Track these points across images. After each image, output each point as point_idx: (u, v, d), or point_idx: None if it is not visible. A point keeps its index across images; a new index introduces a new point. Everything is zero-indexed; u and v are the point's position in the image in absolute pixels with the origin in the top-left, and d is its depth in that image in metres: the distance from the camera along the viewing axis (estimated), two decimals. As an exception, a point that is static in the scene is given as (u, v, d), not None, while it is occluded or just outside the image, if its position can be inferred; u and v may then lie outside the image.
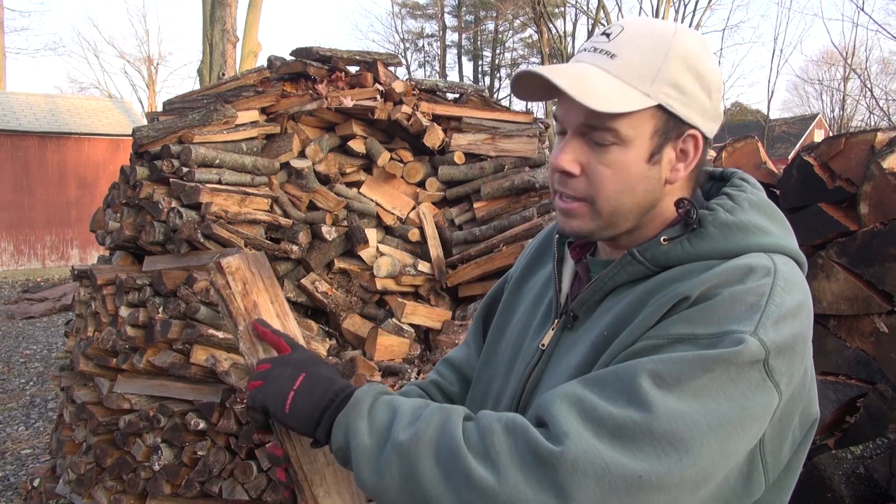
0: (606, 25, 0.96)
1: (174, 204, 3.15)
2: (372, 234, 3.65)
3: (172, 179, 3.20)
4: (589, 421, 0.76)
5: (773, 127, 29.58)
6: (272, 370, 0.97)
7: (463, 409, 0.86)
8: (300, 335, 1.11)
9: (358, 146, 3.80)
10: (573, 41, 25.64)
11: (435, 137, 3.82)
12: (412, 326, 3.45)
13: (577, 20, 25.85)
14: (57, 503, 3.42)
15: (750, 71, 75.77)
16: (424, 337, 3.54)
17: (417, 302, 3.58)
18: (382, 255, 3.61)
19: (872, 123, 17.53)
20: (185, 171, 3.20)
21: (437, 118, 3.90)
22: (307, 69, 3.68)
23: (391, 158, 3.87)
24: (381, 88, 3.76)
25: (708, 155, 0.96)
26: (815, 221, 2.30)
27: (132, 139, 3.41)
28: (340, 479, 1.04)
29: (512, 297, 1.16)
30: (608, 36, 0.91)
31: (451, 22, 34.64)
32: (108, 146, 14.49)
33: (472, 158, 3.86)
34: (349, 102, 3.66)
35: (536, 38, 26.32)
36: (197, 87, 15.16)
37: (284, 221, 3.41)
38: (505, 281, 1.23)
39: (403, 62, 21.05)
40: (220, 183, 3.27)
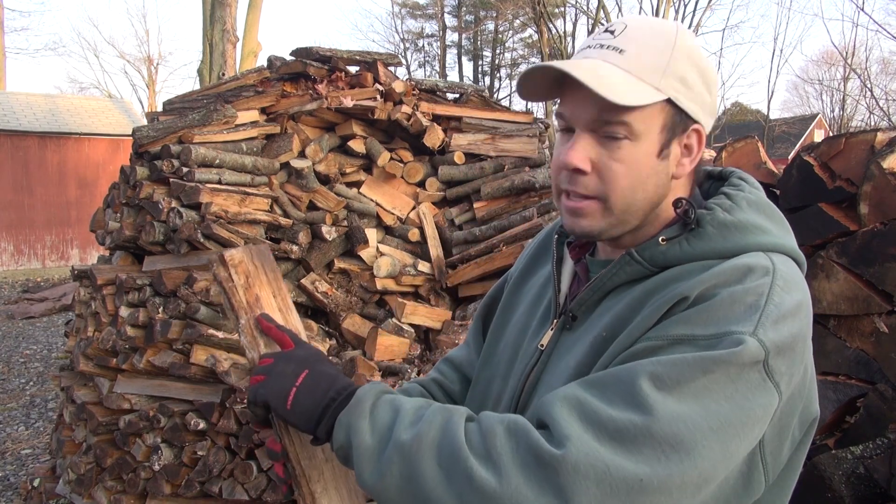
0: (607, 23, 0.97)
1: (174, 204, 3.15)
2: (372, 234, 3.65)
3: (172, 179, 3.20)
4: (590, 424, 0.76)
5: (773, 127, 29.59)
6: (275, 366, 0.97)
7: (465, 409, 0.86)
8: (302, 329, 1.11)
9: (358, 146, 3.80)
10: (573, 41, 25.62)
11: (435, 137, 3.82)
12: (412, 326, 3.45)
13: (577, 20, 25.86)
14: (57, 503, 3.42)
15: (750, 71, 75.79)
16: (424, 337, 3.54)
17: (417, 302, 3.58)
18: (382, 255, 3.61)
19: (872, 123, 17.53)
20: (185, 171, 3.20)
21: (437, 118, 3.90)
22: (307, 69, 3.68)
23: (391, 158, 3.87)
24: (381, 88, 3.76)
25: (707, 154, 0.97)
26: (815, 221, 2.30)
27: (132, 139, 3.41)
28: (338, 475, 1.04)
29: (511, 297, 1.16)
30: (612, 33, 0.91)
31: (451, 22, 34.68)
32: (108, 146, 14.49)
33: (472, 158, 3.85)
34: (349, 102, 3.66)
35: (536, 38, 26.30)
36: (197, 87, 15.16)
37: (284, 221, 3.41)
38: (504, 281, 1.23)
39: (403, 62, 21.05)
40: (220, 183, 3.27)
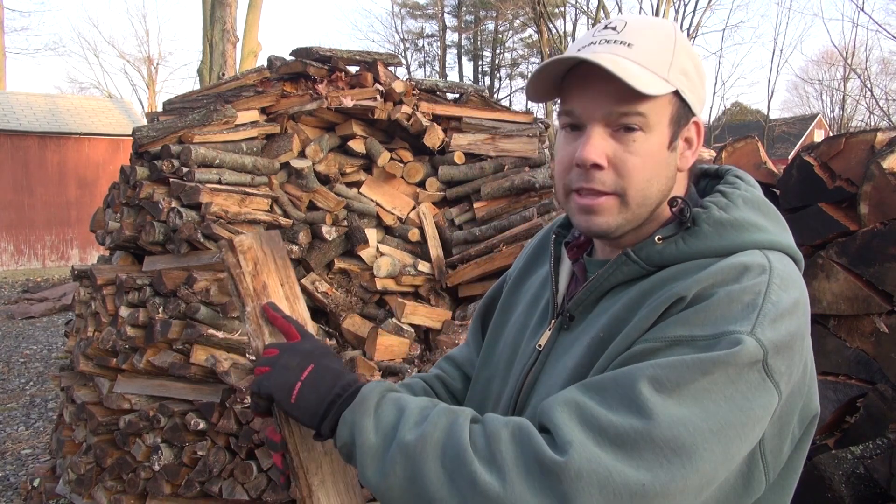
0: (607, 20, 0.98)
1: (174, 204, 3.15)
2: (372, 234, 3.65)
3: (172, 179, 3.20)
4: (591, 429, 0.76)
5: (773, 127, 29.58)
6: (280, 357, 0.96)
7: (470, 411, 0.86)
8: (309, 319, 1.10)
9: (358, 146, 3.80)
10: (573, 41, 25.56)
11: (435, 137, 3.82)
12: (412, 326, 3.45)
13: (577, 20, 25.80)
14: (57, 503, 3.42)
15: (750, 71, 75.86)
16: (424, 337, 3.54)
17: (417, 302, 3.58)
18: (382, 255, 3.61)
19: (872, 123, 17.54)
20: (185, 171, 3.20)
21: (437, 118, 3.90)
22: (307, 69, 3.68)
23: (391, 158, 3.87)
24: (381, 88, 3.76)
25: (706, 154, 0.97)
26: (815, 221, 2.30)
27: (132, 139, 3.41)
28: (336, 469, 1.03)
29: (510, 297, 1.16)
30: (614, 29, 0.91)
31: (451, 22, 34.67)
32: (108, 146, 14.50)
33: (472, 158, 3.85)
34: (349, 102, 3.66)
35: (536, 38, 26.28)
36: (197, 87, 15.16)
37: (284, 221, 3.41)
38: (504, 281, 1.23)
39: (403, 62, 21.04)
40: (220, 183, 3.27)
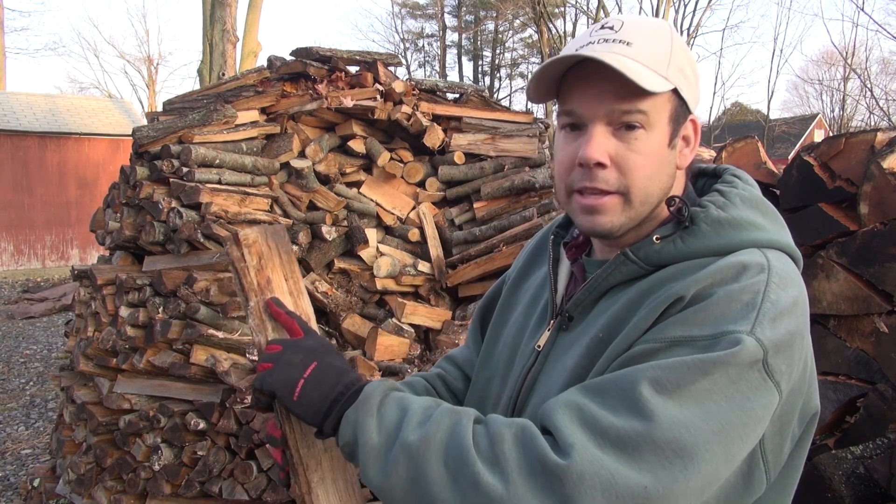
0: (604, 20, 0.98)
1: (174, 204, 3.15)
2: (372, 234, 3.65)
3: (172, 179, 3.20)
4: (592, 432, 0.76)
5: (773, 127, 29.59)
6: (283, 354, 0.96)
7: (473, 411, 0.86)
8: (313, 315, 1.10)
9: (358, 146, 3.80)
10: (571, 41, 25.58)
11: (435, 137, 3.82)
12: (412, 326, 3.45)
13: (577, 20, 25.81)
14: (57, 503, 3.42)
15: (750, 71, 76.02)
16: (424, 337, 3.54)
17: (417, 302, 3.58)
18: (382, 255, 3.61)
19: (872, 123, 17.54)
20: (185, 171, 3.20)
21: (437, 118, 3.90)
22: (307, 69, 3.68)
23: (391, 158, 3.87)
24: (381, 88, 3.76)
25: (706, 154, 0.98)
26: (815, 221, 2.30)
27: (132, 139, 3.41)
28: (336, 466, 1.03)
29: (509, 297, 1.16)
30: (612, 28, 0.91)
31: (451, 22, 34.68)
32: (108, 146, 14.50)
33: (472, 158, 3.85)
34: (349, 102, 3.66)
35: (536, 38, 26.29)
36: (197, 87, 15.16)
37: (284, 221, 3.41)
38: (503, 281, 1.23)
39: (403, 62, 21.03)
40: (220, 183, 3.27)
